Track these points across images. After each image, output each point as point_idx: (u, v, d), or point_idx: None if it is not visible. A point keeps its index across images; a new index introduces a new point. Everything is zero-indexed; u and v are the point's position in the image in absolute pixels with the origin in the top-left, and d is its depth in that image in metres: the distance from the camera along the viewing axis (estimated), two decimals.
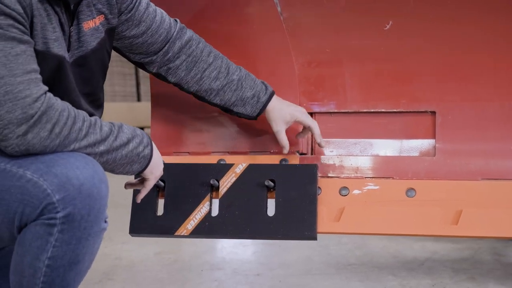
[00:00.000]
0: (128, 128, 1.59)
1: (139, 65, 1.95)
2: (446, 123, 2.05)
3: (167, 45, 1.91)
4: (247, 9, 2.12)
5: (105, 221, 1.51)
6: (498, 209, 1.92)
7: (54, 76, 1.56)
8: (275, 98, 1.99)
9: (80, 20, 1.65)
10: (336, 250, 2.97)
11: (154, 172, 1.69)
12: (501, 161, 1.99)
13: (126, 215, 2.08)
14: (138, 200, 1.82)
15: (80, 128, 1.47)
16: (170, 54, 1.92)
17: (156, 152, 1.67)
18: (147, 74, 2.06)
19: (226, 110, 2.00)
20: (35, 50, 1.48)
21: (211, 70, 1.95)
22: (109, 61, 1.81)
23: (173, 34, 1.91)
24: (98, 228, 1.48)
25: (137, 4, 1.82)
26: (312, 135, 2.02)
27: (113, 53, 1.89)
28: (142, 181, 1.74)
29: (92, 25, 1.68)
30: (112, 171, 1.58)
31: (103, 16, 1.72)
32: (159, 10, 1.90)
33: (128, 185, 1.79)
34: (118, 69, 12.99)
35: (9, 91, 1.39)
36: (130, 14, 1.81)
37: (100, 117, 1.74)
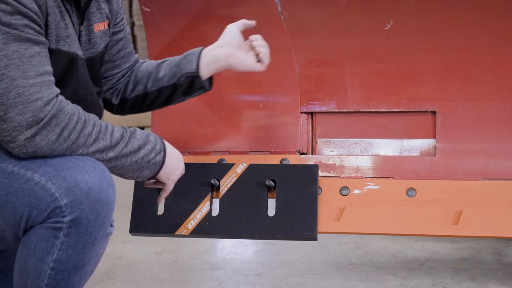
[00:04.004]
0: (141, 134, 1.57)
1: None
2: (447, 123, 2.05)
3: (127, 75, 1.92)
4: (247, 8, 2.12)
5: (111, 225, 1.51)
6: (499, 209, 1.92)
7: (65, 74, 1.56)
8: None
9: (91, 22, 1.66)
10: (337, 250, 2.97)
11: (171, 177, 1.67)
12: (502, 161, 1.99)
13: (126, 215, 2.08)
14: (159, 201, 1.81)
15: (90, 133, 1.46)
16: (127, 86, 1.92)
17: (172, 157, 1.64)
18: None
19: (173, 89, 1.88)
20: (49, 49, 1.48)
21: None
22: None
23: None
24: (104, 232, 1.47)
25: (125, 25, 1.87)
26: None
27: None
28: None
29: (102, 27, 1.69)
30: (121, 175, 1.57)
31: (108, 21, 1.73)
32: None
33: (148, 184, 1.74)
34: None
35: (21, 93, 1.38)
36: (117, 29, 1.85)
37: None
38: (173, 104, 1.93)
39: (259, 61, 1.87)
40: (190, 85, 1.85)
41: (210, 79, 1.89)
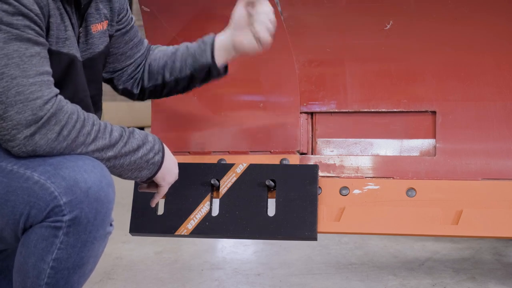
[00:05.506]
0: (140, 134, 1.57)
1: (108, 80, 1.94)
2: (447, 123, 2.05)
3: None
4: None
5: (111, 225, 1.51)
6: (498, 209, 1.92)
7: (65, 75, 1.56)
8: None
9: (89, 23, 1.66)
10: (337, 250, 2.97)
11: (167, 178, 1.66)
12: (502, 161, 1.99)
13: (126, 215, 2.09)
14: (153, 205, 1.79)
15: (89, 132, 1.46)
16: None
17: (169, 159, 1.64)
18: None
19: (190, 79, 1.88)
20: (50, 50, 1.48)
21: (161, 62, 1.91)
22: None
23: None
24: (104, 231, 1.47)
25: (129, 18, 1.86)
26: None
27: None
28: (156, 185, 1.72)
29: (100, 28, 1.69)
30: (120, 175, 1.57)
31: (107, 21, 1.73)
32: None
33: (141, 188, 1.75)
34: None
35: (21, 92, 1.39)
36: (123, 25, 1.84)
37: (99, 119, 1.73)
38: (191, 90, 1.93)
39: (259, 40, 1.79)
40: (207, 73, 1.86)
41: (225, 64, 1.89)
